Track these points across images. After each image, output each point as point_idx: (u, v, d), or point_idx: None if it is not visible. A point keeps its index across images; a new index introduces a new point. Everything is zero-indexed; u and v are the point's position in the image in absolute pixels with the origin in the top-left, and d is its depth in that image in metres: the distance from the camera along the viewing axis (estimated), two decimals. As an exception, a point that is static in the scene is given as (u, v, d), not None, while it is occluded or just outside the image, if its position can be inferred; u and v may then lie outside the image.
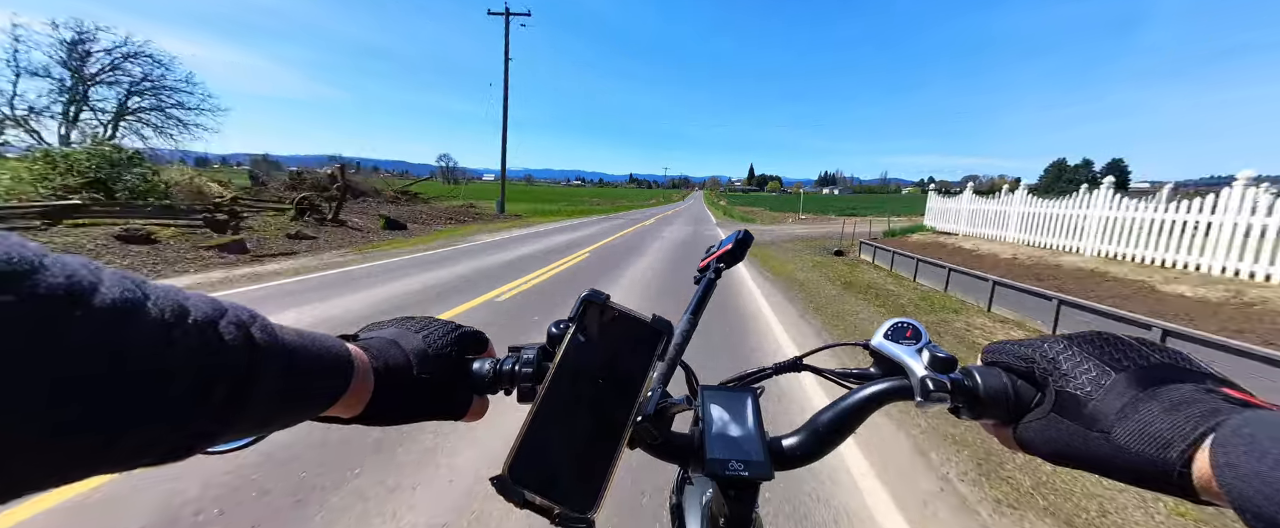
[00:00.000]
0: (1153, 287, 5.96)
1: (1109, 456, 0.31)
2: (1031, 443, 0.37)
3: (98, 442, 0.21)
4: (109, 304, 0.21)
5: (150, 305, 0.23)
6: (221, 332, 0.25)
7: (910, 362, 0.43)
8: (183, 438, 0.24)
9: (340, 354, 0.34)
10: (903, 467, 2.41)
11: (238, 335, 0.26)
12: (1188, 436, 0.27)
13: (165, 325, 0.23)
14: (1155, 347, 0.35)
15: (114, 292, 0.22)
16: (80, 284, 0.21)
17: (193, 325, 0.24)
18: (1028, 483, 2.30)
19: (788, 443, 0.44)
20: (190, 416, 0.24)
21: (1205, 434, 0.27)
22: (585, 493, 0.32)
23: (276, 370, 0.28)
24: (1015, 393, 0.39)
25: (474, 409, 0.45)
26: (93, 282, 0.21)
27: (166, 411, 0.23)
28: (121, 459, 0.23)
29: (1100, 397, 0.32)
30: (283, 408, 0.30)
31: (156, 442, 0.23)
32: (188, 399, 0.24)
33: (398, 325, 0.45)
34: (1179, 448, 0.27)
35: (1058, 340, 0.38)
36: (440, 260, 8.55)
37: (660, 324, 0.38)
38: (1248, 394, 0.30)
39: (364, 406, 0.37)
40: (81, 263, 0.22)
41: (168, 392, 0.23)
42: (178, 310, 0.24)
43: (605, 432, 0.34)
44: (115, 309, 0.21)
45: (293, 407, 0.31)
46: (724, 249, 0.63)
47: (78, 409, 0.20)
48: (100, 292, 0.21)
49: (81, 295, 0.21)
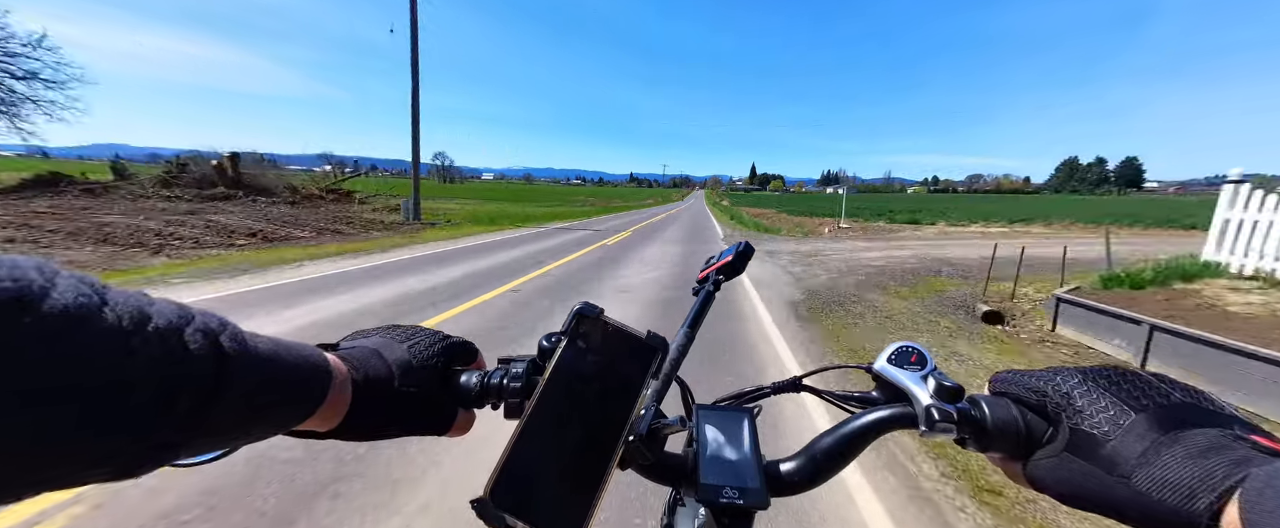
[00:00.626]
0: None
1: (1128, 501, 0.29)
2: (1043, 481, 0.35)
3: (49, 455, 0.20)
4: (61, 310, 0.20)
5: (107, 312, 0.22)
6: (186, 340, 0.24)
7: (915, 389, 0.41)
8: (144, 451, 0.23)
9: (317, 364, 0.33)
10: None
11: (204, 344, 0.25)
12: (1216, 487, 0.26)
13: (124, 333, 0.22)
14: (1174, 384, 0.34)
15: (67, 297, 0.21)
16: (30, 289, 0.20)
17: (154, 333, 0.23)
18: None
19: (785, 468, 0.43)
20: (151, 428, 0.23)
21: (1234, 486, 0.25)
22: (571, 518, 0.31)
23: (246, 381, 0.27)
24: (1026, 427, 0.37)
25: (459, 424, 0.43)
26: (44, 286, 0.20)
27: (126, 423, 0.22)
28: (76, 473, 0.21)
29: (1118, 438, 0.31)
30: (253, 420, 0.29)
31: (115, 455, 0.22)
32: (149, 411, 0.22)
33: (382, 334, 0.43)
34: (1207, 500, 0.26)
35: (1072, 373, 0.36)
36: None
37: (655, 341, 0.38)
38: (1276, 441, 0.29)
39: (341, 418, 0.35)
40: (34, 264, 0.21)
41: (127, 403, 0.22)
42: (138, 317, 0.23)
43: (595, 451, 0.34)
44: (68, 316, 0.20)
45: (265, 419, 0.30)
46: (724, 261, 0.60)
47: (27, 421, 0.19)
48: (52, 296, 0.20)
49: (31, 301, 0.19)
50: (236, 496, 1.99)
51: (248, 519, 1.87)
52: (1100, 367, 0.36)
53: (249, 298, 5.43)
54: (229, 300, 5.28)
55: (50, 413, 0.19)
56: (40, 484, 0.20)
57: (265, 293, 5.68)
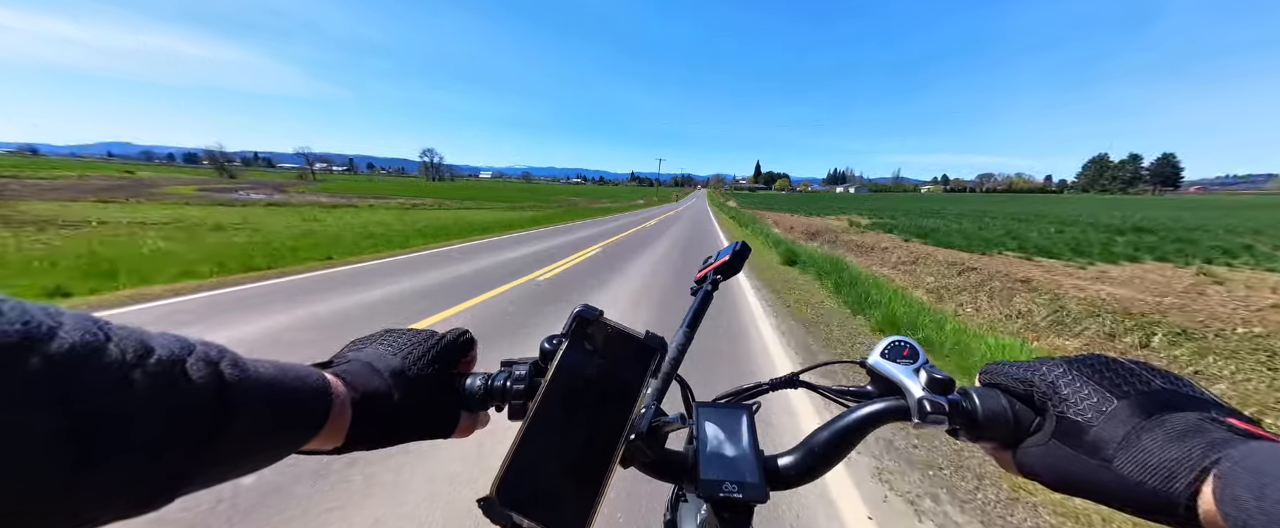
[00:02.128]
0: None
1: (1111, 485, 0.31)
2: (1032, 468, 0.36)
3: (59, 491, 0.20)
4: (67, 349, 0.21)
5: (112, 347, 0.22)
6: (189, 370, 0.25)
7: (907, 382, 0.42)
8: (157, 482, 0.23)
9: (316, 386, 0.33)
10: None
11: (206, 373, 0.26)
12: (1192, 467, 0.27)
13: (128, 366, 0.22)
14: (1156, 371, 0.35)
15: (74, 335, 0.21)
16: (37, 329, 0.20)
17: (157, 365, 0.24)
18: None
19: (783, 462, 0.43)
20: (159, 460, 0.23)
21: (1209, 467, 0.26)
22: (576, 514, 0.32)
23: (249, 408, 0.27)
24: (1014, 416, 0.38)
25: (463, 426, 0.43)
26: (51, 326, 0.21)
27: (134, 456, 0.22)
28: (89, 509, 0.21)
29: (1101, 424, 0.32)
30: (259, 445, 0.29)
31: (126, 488, 0.22)
32: (157, 441, 0.23)
33: (377, 343, 0.42)
34: (1185, 480, 0.27)
35: (1057, 364, 0.37)
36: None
37: (654, 341, 0.39)
38: (1252, 424, 0.30)
39: (345, 436, 0.36)
40: (40, 309, 0.21)
41: (136, 435, 0.22)
42: (140, 350, 0.23)
43: (597, 450, 0.34)
44: (74, 355, 0.21)
45: (269, 443, 0.30)
46: (721, 261, 0.59)
47: (39, 460, 0.19)
48: (59, 336, 0.21)
49: (38, 341, 0.20)
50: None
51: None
52: (1084, 356, 0.37)
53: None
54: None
55: (62, 449, 0.20)
56: (52, 522, 0.20)
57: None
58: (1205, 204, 54.86)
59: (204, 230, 11.60)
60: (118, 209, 17.52)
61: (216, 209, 19.72)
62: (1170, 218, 22.73)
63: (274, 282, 6.02)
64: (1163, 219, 21.56)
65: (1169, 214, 28.14)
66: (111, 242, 8.95)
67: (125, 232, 10.71)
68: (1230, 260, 8.94)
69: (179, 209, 18.67)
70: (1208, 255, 9.35)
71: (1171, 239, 12.21)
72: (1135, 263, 8.92)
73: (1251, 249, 10.33)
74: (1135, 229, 15.45)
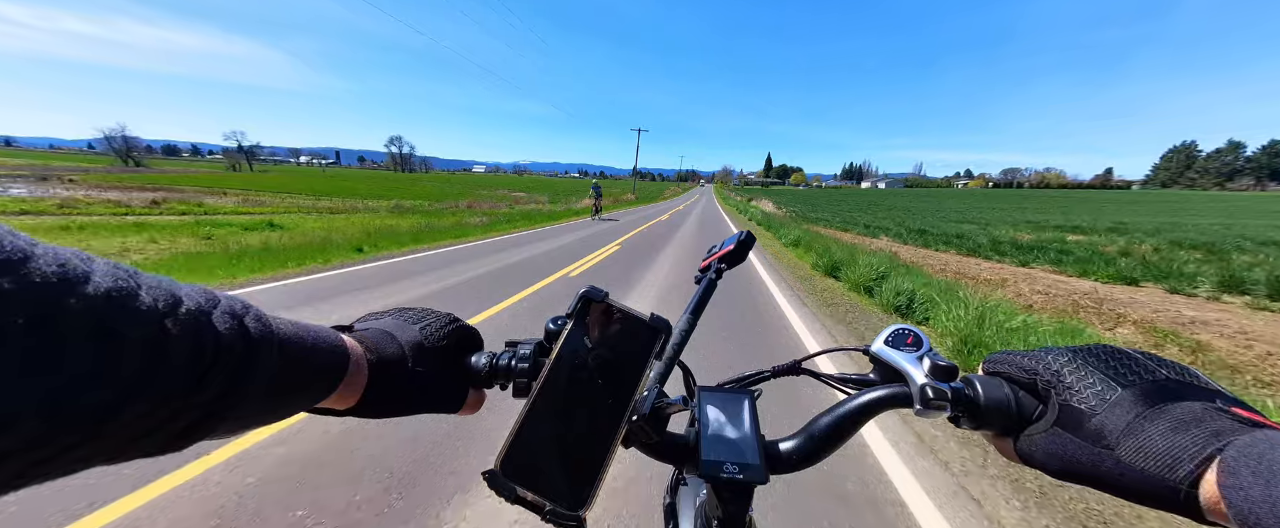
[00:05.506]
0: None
1: (1114, 473, 0.30)
2: (1033, 456, 0.36)
3: (91, 429, 0.21)
4: (103, 292, 0.21)
5: (144, 294, 0.23)
6: (215, 322, 0.25)
7: (910, 369, 0.42)
8: (179, 427, 0.24)
9: (335, 346, 0.34)
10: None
11: (232, 325, 0.26)
12: (1195, 455, 0.27)
13: (159, 314, 0.23)
14: (1162, 362, 0.34)
15: (108, 280, 0.22)
16: (73, 272, 0.21)
17: (186, 315, 0.24)
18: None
19: (784, 447, 0.44)
20: (185, 405, 0.24)
21: (1213, 455, 0.26)
22: (577, 491, 0.32)
23: (271, 362, 0.28)
24: (1017, 404, 0.38)
25: (470, 402, 0.44)
26: (86, 271, 0.21)
27: (161, 400, 0.23)
28: (115, 448, 0.22)
29: (1104, 412, 0.32)
30: (278, 399, 0.30)
31: (152, 431, 0.23)
32: (183, 390, 0.23)
33: (394, 317, 0.44)
34: (1187, 468, 0.27)
35: (1063, 352, 0.37)
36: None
37: (658, 323, 0.39)
38: (1257, 414, 0.29)
39: (359, 397, 0.37)
40: (73, 253, 0.22)
41: (162, 381, 0.22)
42: (171, 300, 0.24)
43: (600, 430, 0.35)
44: (109, 297, 0.21)
45: (288, 398, 0.31)
46: (725, 250, 0.60)
47: (72, 396, 0.20)
48: (93, 280, 0.21)
49: (75, 283, 0.20)
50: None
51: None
52: (1090, 345, 0.37)
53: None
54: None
55: (93, 389, 0.20)
56: (87, 459, 0.21)
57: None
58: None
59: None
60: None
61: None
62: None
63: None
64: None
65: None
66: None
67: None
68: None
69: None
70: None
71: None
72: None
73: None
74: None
